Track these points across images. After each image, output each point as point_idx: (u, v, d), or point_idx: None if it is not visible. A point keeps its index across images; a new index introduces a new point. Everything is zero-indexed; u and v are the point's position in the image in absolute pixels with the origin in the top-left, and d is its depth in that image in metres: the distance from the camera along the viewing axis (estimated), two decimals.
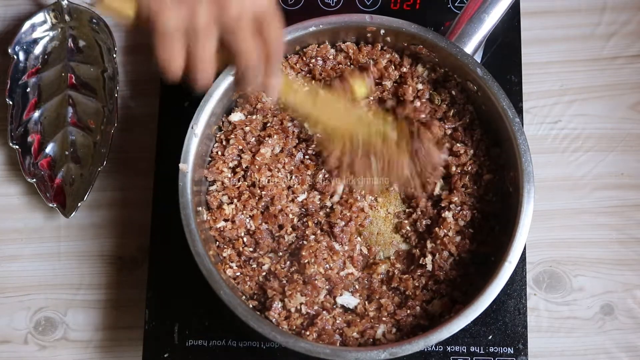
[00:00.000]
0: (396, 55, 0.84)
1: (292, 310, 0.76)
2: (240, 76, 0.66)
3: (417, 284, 0.79)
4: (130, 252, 0.89)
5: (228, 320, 0.75)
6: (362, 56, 0.84)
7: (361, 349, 0.72)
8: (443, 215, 0.80)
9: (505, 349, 0.81)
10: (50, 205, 0.88)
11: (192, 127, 0.77)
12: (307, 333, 0.74)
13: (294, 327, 0.75)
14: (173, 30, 0.60)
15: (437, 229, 0.79)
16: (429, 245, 0.79)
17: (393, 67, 0.84)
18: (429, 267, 0.79)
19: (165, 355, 0.82)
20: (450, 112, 0.83)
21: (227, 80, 0.78)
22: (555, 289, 0.87)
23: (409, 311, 0.77)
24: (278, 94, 0.72)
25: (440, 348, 0.80)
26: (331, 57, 0.84)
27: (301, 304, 0.76)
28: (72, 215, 0.88)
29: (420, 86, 0.83)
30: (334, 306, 0.78)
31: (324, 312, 0.76)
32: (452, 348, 0.81)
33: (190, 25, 0.60)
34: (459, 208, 0.80)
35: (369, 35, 0.83)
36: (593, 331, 0.86)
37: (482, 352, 0.81)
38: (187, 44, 0.61)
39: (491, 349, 0.81)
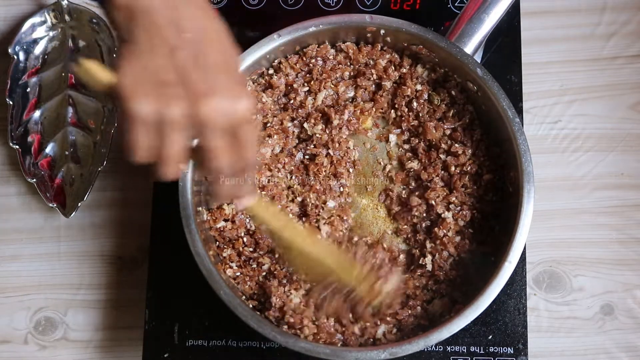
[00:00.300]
0: (396, 56, 0.84)
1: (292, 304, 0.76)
2: (210, 182, 0.63)
3: (417, 284, 0.79)
4: (130, 252, 0.89)
5: (228, 320, 0.75)
6: (362, 56, 0.84)
7: (361, 348, 0.72)
8: (443, 215, 0.80)
9: (505, 349, 0.81)
10: (50, 205, 0.88)
11: None
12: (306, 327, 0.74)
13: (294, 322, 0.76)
14: (143, 118, 0.57)
15: (436, 229, 0.79)
16: (428, 245, 0.79)
17: (393, 68, 0.84)
18: (429, 267, 0.79)
19: (165, 355, 0.82)
20: (449, 113, 0.83)
21: None
22: (555, 289, 0.87)
23: (410, 311, 0.77)
24: (247, 206, 0.69)
25: (440, 348, 0.80)
26: (331, 57, 0.84)
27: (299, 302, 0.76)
28: (72, 215, 0.88)
29: (419, 87, 0.83)
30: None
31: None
32: (452, 348, 0.81)
33: (162, 117, 0.57)
34: (458, 208, 0.80)
35: (369, 35, 0.83)
36: (593, 331, 0.86)
37: (482, 352, 0.81)
38: (156, 135, 0.57)
39: (491, 349, 0.81)
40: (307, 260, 0.74)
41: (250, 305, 0.76)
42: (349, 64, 0.85)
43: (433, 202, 0.80)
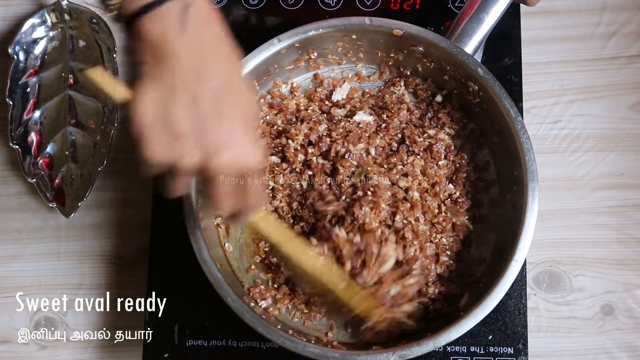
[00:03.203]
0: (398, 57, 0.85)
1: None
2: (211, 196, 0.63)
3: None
4: (130, 252, 0.89)
5: (228, 320, 0.75)
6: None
7: (370, 352, 0.72)
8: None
9: (505, 349, 0.81)
10: (50, 205, 0.88)
11: None
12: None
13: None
14: (155, 164, 0.59)
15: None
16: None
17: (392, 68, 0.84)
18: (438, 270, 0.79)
19: (165, 355, 0.82)
20: (450, 114, 0.83)
21: None
22: (555, 289, 0.87)
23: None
24: (249, 220, 0.70)
25: (440, 348, 0.80)
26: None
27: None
28: (72, 215, 0.88)
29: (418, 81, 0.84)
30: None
31: None
32: (452, 348, 0.81)
33: (173, 164, 0.58)
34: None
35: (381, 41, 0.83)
36: (593, 331, 0.86)
37: (482, 352, 0.81)
38: (167, 163, 0.59)
39: (491, 349, 0.81)
40: (308, 275, 0.75)
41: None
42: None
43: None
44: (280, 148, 0.83)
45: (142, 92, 0.59)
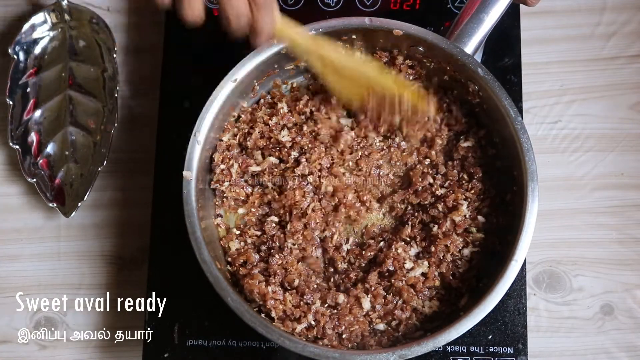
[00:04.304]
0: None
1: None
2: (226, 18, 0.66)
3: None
4: (130, 252, 0.89)
5: (228, 320, 0.75)
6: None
7: (369, 352, 0.72)
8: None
9: (505, 349, 0.81)
10: (50, 205, 0.88)
11: (194, 135, 0.77)
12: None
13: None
14: None
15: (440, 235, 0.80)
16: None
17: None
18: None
19: (165, 355, 0.82)
20: (453, 114, 0.83)
21: (228, 87, 0.79)
22: (555, 289, 0.87)
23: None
24: (270, 36, 0.71)
25: (440, 348, 0.80)
26: None
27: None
28: (72, 215, 0.88)
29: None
30: None
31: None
32: (452, 348, 0.81)
33: None
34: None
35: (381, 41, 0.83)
36: (593, 331, 0.86)
37: (482, 351, 0.81)
38: None
39: (491, 349, 0.81)
40: (343, 75, 0.76)
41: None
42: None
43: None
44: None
45: None
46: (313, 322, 0.75)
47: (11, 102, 0.89)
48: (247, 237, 0.81)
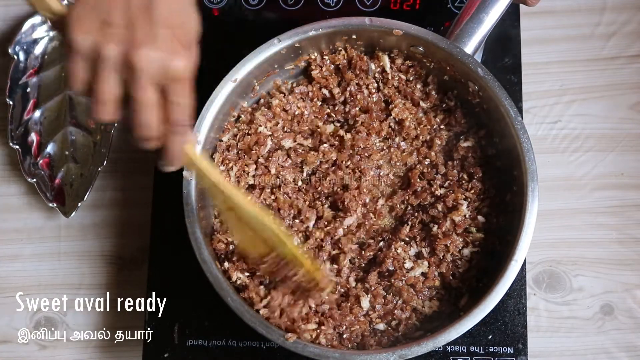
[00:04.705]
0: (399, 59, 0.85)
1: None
2: (135, 128, 0.61)
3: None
4: (130, 252, 0.89)
5: (228, 320, 0.75)
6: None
7: (370, 351, 0.72)
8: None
9: (505, 349, 0.81)
10: (50, 205, 0.88)
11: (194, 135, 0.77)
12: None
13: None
14: (81, 50, 0.58)
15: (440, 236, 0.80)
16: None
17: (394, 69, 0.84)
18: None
19: (165, 355, 0.82)
20: (454, 114, 0.83)
21: (228, 86, 0.79)
22: (555, 289, 0.87)
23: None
24: (178, 163, 0.66)
25: (440, 348, 0.80)
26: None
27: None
28: (72, 215, 0.88)
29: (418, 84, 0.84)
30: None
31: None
32: (452, 348, 0.81)
33: (97, 53, 0.58)
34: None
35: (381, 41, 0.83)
36: (593, 331, 0.86)
37: (482, 351, 0.81)
38: (91, 71, 0.59)
39: (491, 349, 0.81)
40: (245, 226, 0.72)
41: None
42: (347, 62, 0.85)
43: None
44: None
45: None
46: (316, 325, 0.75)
47: (11, 102, 0.89)
48: None
